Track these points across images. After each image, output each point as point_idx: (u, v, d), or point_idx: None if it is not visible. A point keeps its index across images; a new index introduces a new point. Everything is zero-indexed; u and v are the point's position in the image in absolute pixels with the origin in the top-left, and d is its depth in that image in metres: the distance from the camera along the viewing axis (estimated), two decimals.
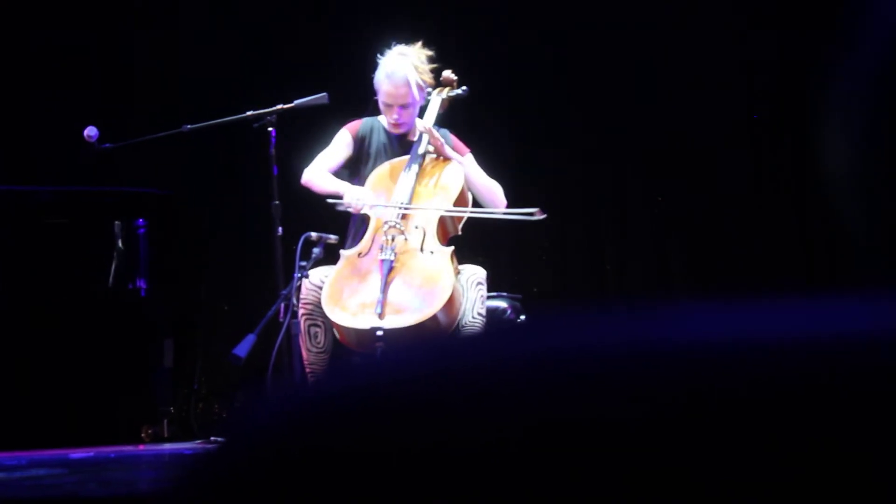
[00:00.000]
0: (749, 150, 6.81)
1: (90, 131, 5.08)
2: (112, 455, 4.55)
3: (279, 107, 4.88)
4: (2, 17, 6.55)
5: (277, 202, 4.79)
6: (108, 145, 5.12)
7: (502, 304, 5.07)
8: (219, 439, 0.69)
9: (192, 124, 5.07)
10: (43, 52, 6.60)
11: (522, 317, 5.15)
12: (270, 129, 4.85)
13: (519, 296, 5.20)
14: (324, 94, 4.90)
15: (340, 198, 4.63)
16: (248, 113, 4.91)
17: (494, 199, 4.82)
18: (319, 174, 4.74)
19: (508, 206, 4.83)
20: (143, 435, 5.76)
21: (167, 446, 5.48)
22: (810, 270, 6.69)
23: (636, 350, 0.62)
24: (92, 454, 4.51)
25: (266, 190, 4.86)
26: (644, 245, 6.89)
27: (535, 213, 4.56)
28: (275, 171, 4.82)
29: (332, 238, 4.69)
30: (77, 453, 4.42)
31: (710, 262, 6.77)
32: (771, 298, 0.66)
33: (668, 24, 6.78)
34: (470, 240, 5.47)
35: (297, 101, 4.90)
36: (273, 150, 4.84)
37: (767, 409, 0.59)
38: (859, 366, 0.60)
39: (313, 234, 4.58)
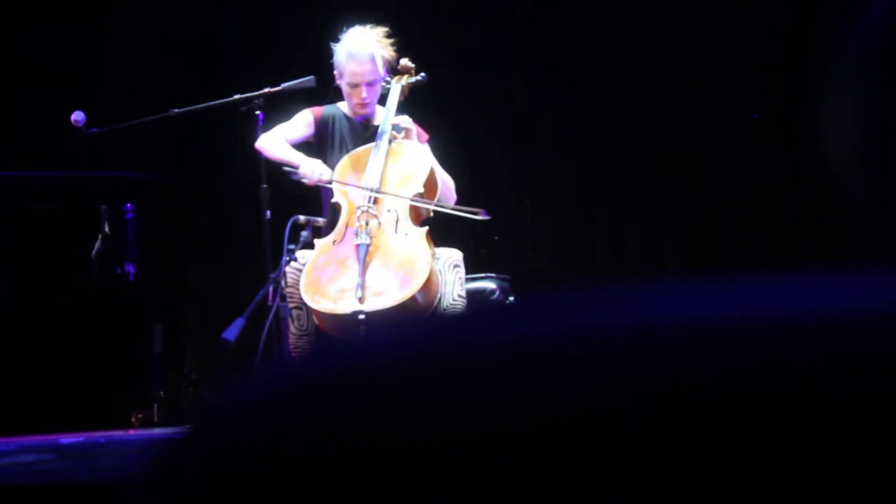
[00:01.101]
0: (749, 151, 6.80)
1: (77, 116, 5.07)
2: (102, 440, 4.53)
3: (266, 90, 4.86)
4: (1, 17, 6.54)
5: (265, 186, 4.78)
6: (95, 130, 5.10)
7: (491, 284, 5.06)
8: (200, 421, 0.69)
9: (179, 108, 5.05)
10: (43, 52, 6.58)
11: (511, 298, 5.14)
12: (258, 112, 4.84)
13: (508, 276, 5.20)
14: (311, 77, 4.89)
15: (296, 168, 4.65)
16: (236, 96, 4.90)
17: (447, 192, 4.84)
18: (277, 141, 4.75)
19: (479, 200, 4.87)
20: (133, 420, 5.75)
21: (157, 431, 5.48)
22: (809, 270, 6.67)
23: (628, 330, 0.61)
24: (82, 439, 4.50)
25: (254, 173, 4.85)
26: (643, 246, 6.89)
27: (479, 213, 4.59)
28: (262, 154, 4.81)
29: (321, 221, 4.70)
30: (67, 438, 4.40)
31: (709, 262, 6.76)
32: (771, 278, 0.65)
33: (668, 24, 6.77)
34: (460, 220, 5.47)
35: (284, 85, 4.88)
36: (261, 134, 4.83)
37: (765, 391, 0.58)
38: (860, 343, 0.59)
39: (301, 218, 4.59)
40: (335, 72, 4.87)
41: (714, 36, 6.76)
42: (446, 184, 4.85)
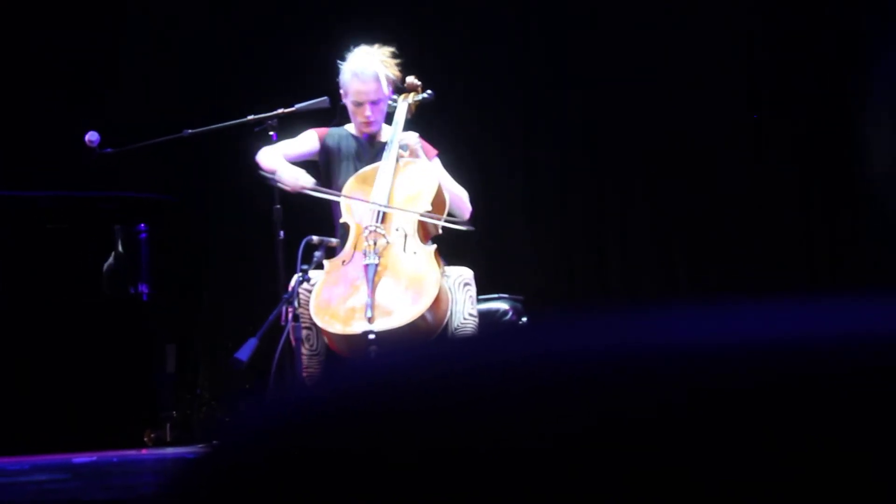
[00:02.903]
0: (749, 151, 6.81)
1: (91, 136, 5.06)
2: (115, 459, 4.54)
3: (280, 111, 4.87)
4: (1, 17, 6.56)
5: (279, 206, 4.78)
6: (109, 150, 5.11)
7: (503, 305, 5.06)
8: (215, 442, 0.69)
9: (192, 129, 5.06)
10: (43, 53, 6.60)
11: (524, 318, 5.14)
12: (272, 133, 4.85)
13: (521, 297, 5.19)
14: (325, 98, 4.90)
15: (273, 173, 4.67)
16: (250, 117, 4.90)
17: (461, 204, 4.84)
18: (271, 154, 4.76)
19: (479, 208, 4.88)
20: (145, 439, 5.75)
21: (170, 450, 5.48)
22: (812, 270, 6.69)
23: (637, 353, 0.62)
24: (95, 458, 4.50)
25: (267, 194, 4.86)
26: (644, 244, 6.89)
27: (464, 224, 4.71)
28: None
29: (334, 241, 4.70)
30: (80, 458, 4.41)
31: (710, 263, 6.76)
32: (773, 300, 0.66)
33: (667, 24, 6.78)
34: (471, 240, 5.47)
35: (298, 105, 4.89)
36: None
37: (766, 409, 0.59)
38: (859, 366, 0.60)
39: (315, 238, 4.59)
40: (341, 90, 4.88)
41: (714, 36, 6.77)
42: (459, 196, 4.85)
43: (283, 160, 4.74)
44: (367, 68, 4.77)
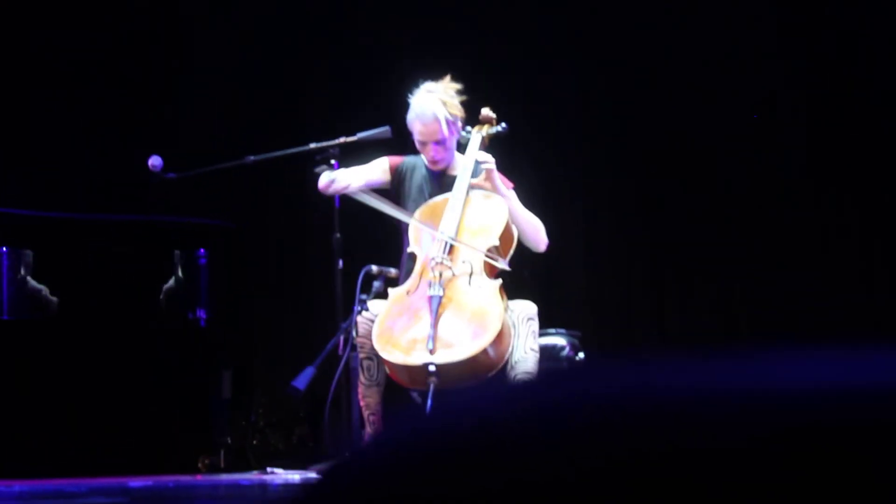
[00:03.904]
0: (751, 151, 6.78)
1: (154, 161, 5.08)
2: (171, 484, 4.56)
3: (342, 139, 4.88)
4: (1, 17, 6.62)
5: (339, 235, 4.79)
6: (171, 175, 5.14)
7: (561, 340, 5.05)
8: (317, 475, 0.69)
9: (255, 155, 5.09)
10: (43, 53, 6.66)
11: (581, 354, 5.12)
12: (333, 161, 4.86)
13: (578, 332, 5.18)
14: (387, 127, 4.91)
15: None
16: (312, 145, 4.91)
17: (537, 235, 4.81)
18: (332, 172, 4.76)
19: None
20: (199, 465, 5.78)
21: (224, 477, 5.50)
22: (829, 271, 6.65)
23: (696, 395, 0.62)
24: (150, 483, 4.52)
25: (327, 222, 4.87)
26: (702, 283, 6.86)
27: (500, 261, 4.65)
28: (336, 203, 4.83)
29: (393, 272, 4.69)
30: (136, 481, 4.43)
31: (770, 306, 6.71)
32: (834, 346, 0.65)
33: (667, 24, 6.78)
34: (533, 273, 5.46)
35: (360, 134, 4.90)
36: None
37: (831, 457, 0.59)
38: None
39: (374, 268, 4.58)
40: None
41: (714, 35, 6.74)
42: (535, 227, 4.82)
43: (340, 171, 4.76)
44: (427, 110, 4.76)
